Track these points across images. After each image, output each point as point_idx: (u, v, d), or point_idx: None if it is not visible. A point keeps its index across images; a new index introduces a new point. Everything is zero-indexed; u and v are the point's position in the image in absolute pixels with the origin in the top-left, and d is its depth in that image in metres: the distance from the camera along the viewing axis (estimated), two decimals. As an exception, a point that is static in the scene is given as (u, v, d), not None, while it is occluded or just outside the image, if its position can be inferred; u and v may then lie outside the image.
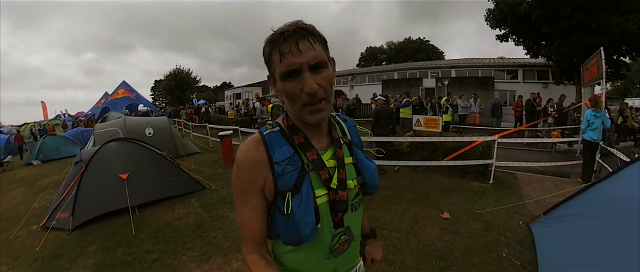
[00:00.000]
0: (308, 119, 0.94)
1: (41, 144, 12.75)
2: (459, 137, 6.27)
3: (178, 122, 19.05)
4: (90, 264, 3.91)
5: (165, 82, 41.57)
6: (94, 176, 5.30)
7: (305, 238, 0.95)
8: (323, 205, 0.99)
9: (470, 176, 5.97)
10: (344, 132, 1.17)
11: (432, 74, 23.15)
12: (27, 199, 7.00)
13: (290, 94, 0.91)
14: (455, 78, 21.07)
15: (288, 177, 0.96)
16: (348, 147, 1.12)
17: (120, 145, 6.09)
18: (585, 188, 3.27)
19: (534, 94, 12.19)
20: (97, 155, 5.59)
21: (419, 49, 48.44)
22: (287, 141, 1.01)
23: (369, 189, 1.13)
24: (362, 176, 1.11)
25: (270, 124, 1.06)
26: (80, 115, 24.94)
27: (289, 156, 0.98)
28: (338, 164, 1.03)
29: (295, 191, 0.95)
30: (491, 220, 4.07)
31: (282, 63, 0.88)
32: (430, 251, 3.48)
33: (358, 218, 1.14)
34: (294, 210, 0.93)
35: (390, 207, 4.76)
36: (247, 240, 1.04)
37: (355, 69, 36.89)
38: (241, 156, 0.99)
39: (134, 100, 21.26)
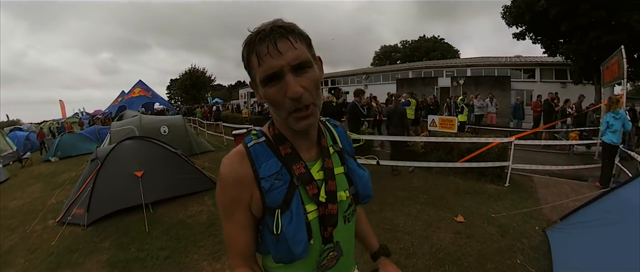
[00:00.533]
0: (295, 126, 0.86)
1: (59, 141, 13.04)
2: (475, 138, 6.15)
3: (193, 120, 19.29)
4: (104, 260, 3.99)
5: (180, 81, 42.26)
6: (110, 173, 5.41)
7: (297, 256, 0.89)
8: (314, 220, 0.94)
9: (486, 178, 5.85)
10: (334, 139, 1.09)
11: (448, 73, 22.71)
12: (44, 195, 7.17)
13: (273, 101, 0.83)
14: (471, 77, 20.62)
15: (276, 193, 0.89)
16: (339, 156, 1.05)
17: (136, 143, 6.19)
18: (604, 193, 3.15)
19: (551, 94, 11.79)
20: (112, 153, 5.70)
21: (434, 48, 47.78)
22: (274, 153, 0.94)
23: (362, 199, 1.08)
24: (355, 185, 1.05)
25: (255, 134, 0.98)
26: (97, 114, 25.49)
27: (277, 170, 0.91)
28: (326, 175, 0.96)
29: (284, 207, 0.89)
30: (506, 224, 3.98)
31: (261, 67, 0.80)
32: (443, 255, 3.42)
33: (350, 231, 1.08)
34: (284, 228, 0.87)
35: (403, 209, 4.71)
36: (235, 255, 0.99)
37: (370, 68, 36.55)
38: (224, 171, 0.91)
39: (150, 98, 21.57)
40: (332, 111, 8.30)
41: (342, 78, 31.98)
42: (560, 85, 17.42)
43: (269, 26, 0.80)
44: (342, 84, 30.50)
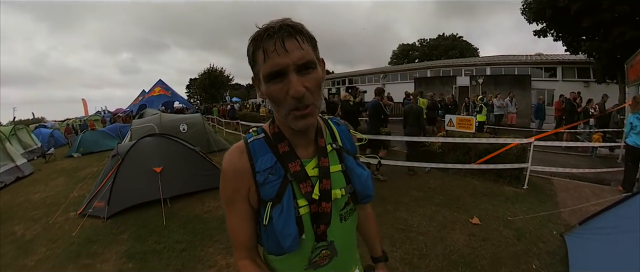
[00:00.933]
0: (294, 125, 0.89)
1: (81, 138, 13.44)
2: (493, 138, 6.02)
3: (211, 118, 19.60)
4: (122, 251, 4.12)
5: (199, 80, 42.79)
6: (130, 169, 5.55)
7: (286, 249, 0.92)
8: (306, 216, 0.96)
9: (504, 180, 5.73)
10: (334, 137, 1.10)
11: (466, 72, 22.20)
12: (67, 188, 7.39)
13: (274, 98, 0.85)
14: (490, 76, 20.11)
15: (270, 186, 0.93)
16: (338, 154, 1.06)
17: (155, 140, 6.33)
18: (626, 198, 3.00)
19: (574, 94, 11.39)
20: (133, 149, 5.85)
21: (453, 46, 46.95)
22: (271, 149, 0.97)
23: (361, 198, 1.07)
24: (353, 184, 1.04)
25: (255, 131, 1.03)
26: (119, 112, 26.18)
27: (271, 164, 0.95)
28: (321, 173, 0.98)
29: (276, 200, 0.92)
30: (523, 228, 3.89)
31: (266, 63, 0.82)
32: (456, 257, 3.38)
33: (347, 230, 1.07)
34: (274, 221, 0.90)
35: (418, 209, 4.69)
36: (237, 247, 1.03)
37: (387, 67, 36.20)
38: (225, 164, 0.97)
39: (169, 97, 22.05)
40: (348, 110, 8.17)
41: (359, 77, 31.89)
42: (583, 84, 16.69)
43: (278, 24, 0.81)
44: (360, 83, 30.38)
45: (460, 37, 49.01)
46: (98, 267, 3.81)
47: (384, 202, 5.04)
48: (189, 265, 3.65)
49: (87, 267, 3.82)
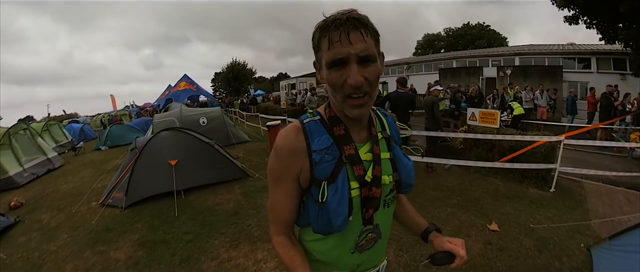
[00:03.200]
0: (349, 113, 0.93)
1: (108, 132, 13.99)
2: (519, 135, 5.57)
3: (233, 111, 19.94)
4: (135, 239, 4.34)
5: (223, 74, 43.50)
6: (147, 161, 5.77)
7: (336, 228, 0.95)
8: (356, 198, 0.98)
9: (529, 181, 5.35)
10: (383, 126, 1.15)
11: (494, 63, 20.93)
12: (92, 180, 7.72)
13: (334, 84, 0.90)
14: (519, 67, 18.80)
15: (325, 166, 0.96)
16: (386, 142, 1.10)
17: (172, 134, 6.52)
18: None
19: (611, 87, 10.28)
20: (150, 143, 6.08)
21: (480, 36, 44.71)
22: (327, 130, 1.00)
23: (404, 188, 1.11)
24: (398, 172, 1.08)
25: (311, 112, 1.06)
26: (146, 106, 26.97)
27: (328, 145, 0.97)
28: (374, 159, 1.02)
29: (331, 180, 0.95)
30: (546, 238, 3.57)
31: (330, 51, 0.86)
32: (467, 267, 3.16)
33: (389, 216, 1.15)
34: (329, 199, 0.93)
35: (433, 211, 4.50)
36: (276, 222, 1.07)
37: (411, 58, 35.09)
38: (281, 142, 0.99)
39: (194, 91, 22.50)
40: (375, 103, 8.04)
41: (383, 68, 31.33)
42: (620, 77, 15.03)
43: (345, 16, 0.85)
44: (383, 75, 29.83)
45: (487, 26, 46.50)
46: (111, 254, 4.05)
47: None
48: (193, 256, 3.75)
49: (101, 254, 4.06)
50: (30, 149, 9.47)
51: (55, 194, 7.03)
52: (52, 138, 13.33)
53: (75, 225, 5.07)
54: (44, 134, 12.56)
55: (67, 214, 5.63)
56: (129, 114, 23.85)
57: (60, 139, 14.01)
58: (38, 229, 5.13)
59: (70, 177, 8.54)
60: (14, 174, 8.12)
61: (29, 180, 8.47)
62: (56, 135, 13.92)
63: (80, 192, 6.80)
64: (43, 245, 4.51)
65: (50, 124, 14.42)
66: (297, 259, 1.02)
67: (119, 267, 3.72)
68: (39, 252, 4.29)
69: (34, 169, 9.06)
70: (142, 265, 3.69)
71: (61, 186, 7.68)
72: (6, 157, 8.27)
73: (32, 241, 4.71)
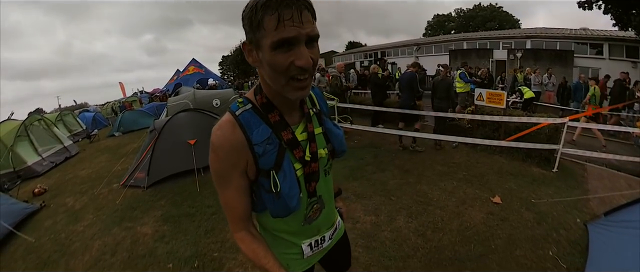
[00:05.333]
0: (291, 95, 0.92)
1: (121, 118, 14.17)
2: (526, 117, 5.71)
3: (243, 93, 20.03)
4: (159, 215, 4.55)
5: (232, 57, 43.35)
6: (166, 142, 5.92)
7: (293, 209, 1.01)
8: (301, 177, 1.06)
9: (532, 161, 5.49)
10: (313, 101, 1.19)
11: (504, 45, 20.62)
12: (110, 164, 7.92)
13: (278, 66, 0.85)
14: (530, 50, 18.59)
15: (268, 156, 0.98)
16: (317, 117, 1.16)
17: (189, 115, 6.63)
18: None
19: (624, 74, 9.98)
20: (168, 124, 6.20)
21: (491, 17, 43.48)
22: (263, 120, 1.00)
23: (338, 154, 1.20)
24: (331, 143, 1.17)
25: (241, 102, 1.04)
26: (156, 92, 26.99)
27: (268, 135, 0.98)
28: (309, 137, 1.08)
29: (277, 168, 0.98)
30: (546, 212, 3.73)
31: (278, 30, 0.81)
32: (470, 234, 3.39)
33: (329, 184, 1.23)
34: (281, 185, 0.97)
35: (440, 183, 4.70)
36: (234, 220, 1.07)
37: (421, 39, 34.12)
38: (217, 141, 0.96)
39: (203, 75, 22.56)
40: (377, 83, 8.16)
41: (392, 49, 30.59)
42: (631, 64, 14.86)
43: None
44: (393, 55, 29.30)
45: (499, 8, 45.12)
46: (138, 229, 4.26)
47: (406, 175, 5.10)
48: (218, 227, 3.98)
49: (128, 230, 4.27)
50: (46, 138, 9.62)
51: (75, 180, 7.23)
52: (66, 128, 13.45)
53: (100, 206, 5.28)
54: (59, 124, 12.68)
55: (90, 196, 5.83)
56: (139, 100, 23.91)
57: (74, 128, 14.15)
58: (63, 212, 5.32)
59: (87, 163, 8.75)
60: (32, 163, 8.28)
61: (48, 168, 8.63)
62: (70, 124, 14.06)
63: (99, 176, 6.99)
64: (69, 226, 4.69)
65: (64, 114, 14.53)
66: (260, 251, 1.05)
67: (147, 240, 3.93)
68: (66, 233, 4.47)
69: (52, 157, 9.22)
70: (169, 237, 3.91)
71: (80, 172, 7.88)
72: (24, 148, 8.41)
73: (58, 223, 4.89)
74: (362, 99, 10.07)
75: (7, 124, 8.91)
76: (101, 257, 3.71)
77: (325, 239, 1.28)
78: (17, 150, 8.12)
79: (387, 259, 3.08)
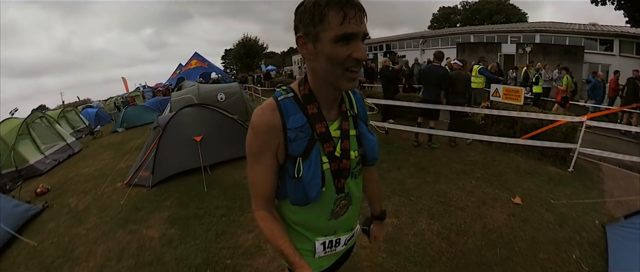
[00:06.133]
0: (344, 86, 0.99)
1: (124, 114, 14.07)
2: (543, 114, 5.52)
3: (248, 87, 19.99)
4: (165, 217, 4.38)
5: (235, 50, 43.30)
6: (171, 139, 5.78)
7: (312, 199, 1.05)
8: (327, 171, 1.09)
9: (548, 159, 5.36)
10: (352, 104, 1.23)
11: (513, 39, 20.06)
12: (113, 161, 7.82)
13: (338, 57, 0.93)
14: (539, 44, 17.99)
15: (299, 143, 1.03)
16: (353, 120, 1.19)
17: (194, 110, 6.46)
18: None
19: (636, 72, 9.55)
20: (172, 120, 6.03)
21: (498, 10, 42.64)
22: (301, 109, 1.06)
23: (369, 161, 1.22)
24: (363, 147, 1.18)
25: (285, 89, 1.11)
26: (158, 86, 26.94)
27: (302, 123, 1.04)
28: (342, 135, 1.12)
29: (305, 156, 1.03)
30: (566, 214, 3.65)
31: (343, 25, 0.90)
32: (495, 236, 3.29)
33: (358, 185, 1.25)
34: (304, 173, 1.01)
35: (458, 182, 4.59)
36: (258, 197, 1.12)
37: (427, 32, 33.63)
38: (257, 120, 1.04)
39: (206, 69, 22.36)
40: (388, 77, 7.98)
41: (397, 42, 29.93)
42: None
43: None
44: (398, 48, 28.54)
45: (506, 0, 44.07)
46: (144, 232, 4.09)
47: (423, 173, 4.98)
48: (229, 230, 3.82)
49: (134, 233, 4.11)
50: (48, 136, 9.51)
51: (78, 178, 7.10)
52: (69, 124, 13.46)
53: (103, 206, 5.13)
54: (61, 120, 12.68)
55: (93, 196, 5.69)
56: (141, 94, 23.80)
57: (77, 125, 14.14)
58: (66, 213, 5.19)
59: (90, 161, 8.62)
60: (35, 162, 8.16)
61: (51, 166, 8.53)
62: (73, 121, 14.06)
63: (103, 174, 6.88)
64: (73, 229, 4.54)
65: (67, 111, 14.57)
66: (277, 231, 1.10)
67: (154, 245, 3.76)
68: (69, 237, 4.33)
69: (55, 155, 9.12)
70: (178, 242, 3.73)
71: (83, 170, 7.76)
72: (25, 146, 8.30)
73: (61, 225, 4.75)
74: (370, 93, 9.87)
75: (8, 123, 8.83)
76: (106, 264, 3.54)
77: (340, 242, 1.28)
78: (19, 148, 8.01)
79: (412, 264, 2.96)
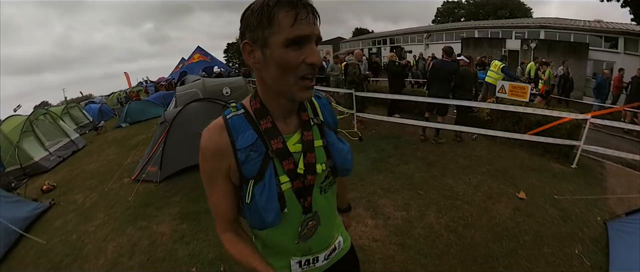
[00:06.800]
0: (298, 96, 0.90)
1: (128, 109, 14.05)
2: (548, 110, 5.55)
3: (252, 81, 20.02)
4: (175, 212, 4.39)
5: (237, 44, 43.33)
6: (178, 134, 5.76)
7: (269, 224, 0.95)
8: (288, 191, 0.98)
9: (551, 156, 5.40)
10: (316, 111, 1.11)
11: (517, 35, 20.05)
12: (119, 157, 7.81)
13: (289, 64, 0.84)
14: (544, 41, 17.98)
15: (252, 164, 0.94)
16: (319, 129, 1.07)
17: (201, 105, 6.43)
18: None
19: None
20: (179, 115, 6.03)
21: (502, 5, 42.39)
22: (251, 126, 0.96)
23: (341, 172, 1.10)
24: (333, 159, 1.07)
25: (234, 106, 1.01)
26: (161, 81, 26.84)
27: (252, 141, 0.94)
28: (305, 148, 1.00)
29: (258, 178, 0.93)
30: (569, 209, 3.70)
31: (293, 27, 0.81)
32: (501, 230, 3.36)
33: (328, 202, 1.13)
34: (257, 198, 0.92)
35: (464, 177, 4.64)
36: (219, 221, 1.06)
37: (431, 26, 33.45)
38: (204, 143, 0.96)
39: (209, 63, 22.23)
40: (394, 72, 7.96)
41: (401, 36, 29.84)
42: None
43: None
44: (402, 42, 28.71)
45: None
46: (154, 228, 4.10)
47: (430, 168, 5.03)
48: None
49: (144, 229, 4.11)
50: (52, 132, 9.50)
51: (84, 175, 7.08)
52: (73, 120, 13.46)
53: (111, 203, 5.12)
54: (65, 116, 12.68)
55: (99, 193, 5.68)
56: (145, 89, 23.68)
57: (81, 121, 14.13)
58: (73, 210, 5.17)
59: (95, 157, 8.61)
60: (40, 159, 8.20)
61: (56, 163, 8.53)
62: (77, 117, 14.07)
63: (109, 170, 6.87)
64: (80, 226, 4.53)
65: (71, 106, 14.54)
66: (246, 251, 1.04)
67: (165, 241, 3.76)
68: (77, 234, 4.32)
69: (60, 151, 9.13)
70: (190, 237, 3.75)
71: (88, 166, 7.75)
72: (29, 143, 8.30)
73: (69, 223, 4.72)
74: (375, 88, 9.83)
75: (11, 120, 8.84)
76: (118, 260, 3.56)
77: (318, 259, 1.19)
78: (23, 146, 8.02)
79: (423, 256, 3.04)
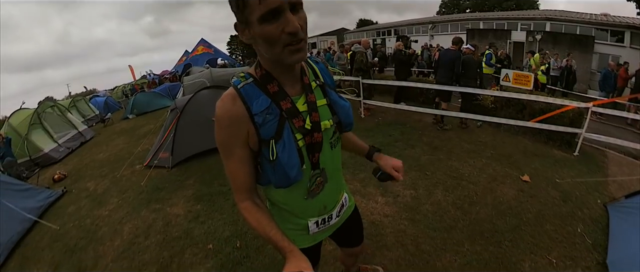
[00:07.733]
0: (289, 60, 0.93)
1: (134, 101, 14.26)
2: (552, 99, 5.64)
3: None
4: (189, 194, 4.51)
5: None
6: (189, 120, 5.89)
7: (293, 179, 1.03)
8: (303, 148, 1.06)
9: (554, 143, 5.51)
10: (316, 75, 1.18)
11: (523, 27, 19.76)
12: (129, 146, 7.96)
13: (270, 37, 0.88)
14: (549, 33, 17.75)
15: (269, 125, 0.99)
16: (322, 89, 1.16)
17: (211, 92, 6.53)
18: None
19: None
20: (190, 102, 6.15)
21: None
22: (263, 91, 1.01)
23: (345, 127, 1.20)
24: (338, 115, 1.17)
25: (243, 76, 1.06)
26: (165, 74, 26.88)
27: (267, 105, 1.00)
28: (310, 108, 1.07)
29: (277, 137, 0.99)
30: (569, 192, 3.82)
31: (261, 4, 0.84)
32: (504, 208, 3.49)
33: (334, 157, 1.21)
34: (279, 155, 0.99)
35: (469, 160, 4.75)
36: (238, 189, 1.10)
37: (436, 17, 32.96)
38: (219, 112, 1.00)
39: (213, 55, 22.21)
40: (401, 60, 8.03)
41: (406, 27, 29.73)
42: None
43: None
44: (407, 33, 28.18)
45: None
46: (168, 210, 4.21)
47: (436, 151, 5.14)
48: None
49: (158, 211, 4.23)
50: (60, 124, 9.66)
51: (94, 164, 7.22)
52: (80, 113, 13.64)
53: (124, 188, 5.24)
54: (72, 109, 12.87)
55: (111, 179, 5.81)
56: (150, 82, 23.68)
57: (87, 114, 14.31)
58: (86, 196, 5.28)
59: (104, 147, 8.74)
60: (49, 150, 8.35)
61: (65, 154, 8.69)
62: (83, 110, 14.23)
63: (119, 158, 7.01)
64: (94, 211, 4.65)
65: (77, 100, 14.75)
66: (263, 219, 1.06)
67: (180, 221, 3.86)
68: (91, 219, 4.43)
69: (68, 143, 9.29)
70: (204, 217, 3.85)
71: (97, 156, 7.89)
72: (38, 135, 8.45)
73: (82, 209, 4.83)
74: (382, 76, 9.77)
75: (20, 114, 8.97)
76: (134, 240, 3.67)
77: (332, 217, 1.30)
78: (32, 138, 8.18)
79: (432, 230, 3.18)
